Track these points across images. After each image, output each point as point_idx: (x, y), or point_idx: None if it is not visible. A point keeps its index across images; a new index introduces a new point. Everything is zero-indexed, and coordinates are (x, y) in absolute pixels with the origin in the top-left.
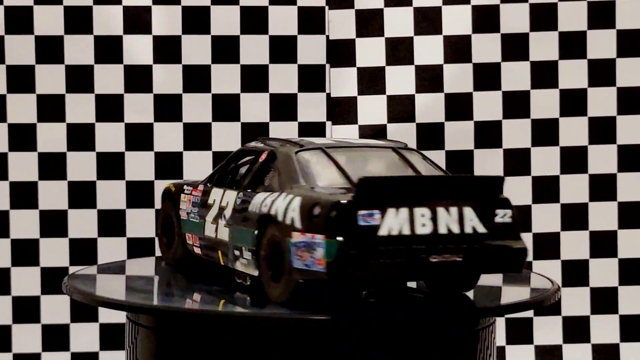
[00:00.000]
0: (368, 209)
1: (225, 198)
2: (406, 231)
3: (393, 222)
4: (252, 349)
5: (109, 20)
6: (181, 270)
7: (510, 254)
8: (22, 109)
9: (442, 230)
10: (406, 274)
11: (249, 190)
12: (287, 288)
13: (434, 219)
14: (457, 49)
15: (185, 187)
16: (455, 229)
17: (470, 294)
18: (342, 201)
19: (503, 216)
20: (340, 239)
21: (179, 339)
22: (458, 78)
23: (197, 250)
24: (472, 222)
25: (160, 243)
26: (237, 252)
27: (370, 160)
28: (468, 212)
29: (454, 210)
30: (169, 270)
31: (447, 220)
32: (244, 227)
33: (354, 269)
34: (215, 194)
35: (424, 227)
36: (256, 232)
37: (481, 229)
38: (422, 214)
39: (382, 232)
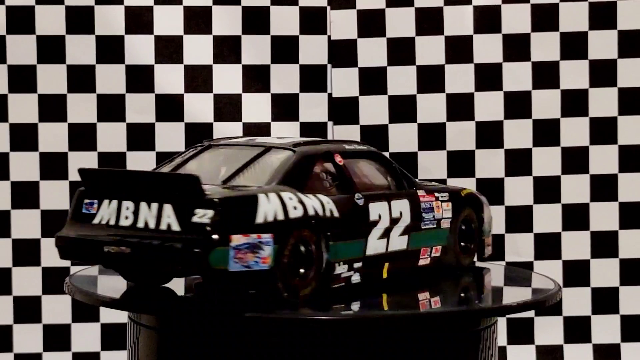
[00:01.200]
0: (91, 199)
1: None
2: (112, 221)
3: (105, 212)
4: (254, 349)
5: (110, 20)
6: None
7: (184, 253)
8: (23, 108)
9: (140, 224)
10: (89, 260)
11: None
12: None
13: (136, 212)
14: (459, 49)
15: None
16: (152, 224)
17: (471, 293)
18: (78, 190)
19: (202, 216)
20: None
21: (181, 339)
22: (459, 78)
23: None
24: (169, 219)
25: None
26: None
27: (228, 159)
28: (167, 209)
29: (154, 206)
30: None
31: (147, 215)
32: None
33: (61, 251)
34: None
35: (126, 219)
36: None
37: (175, 226)
38: (127, 207)
39: (96, 220)
